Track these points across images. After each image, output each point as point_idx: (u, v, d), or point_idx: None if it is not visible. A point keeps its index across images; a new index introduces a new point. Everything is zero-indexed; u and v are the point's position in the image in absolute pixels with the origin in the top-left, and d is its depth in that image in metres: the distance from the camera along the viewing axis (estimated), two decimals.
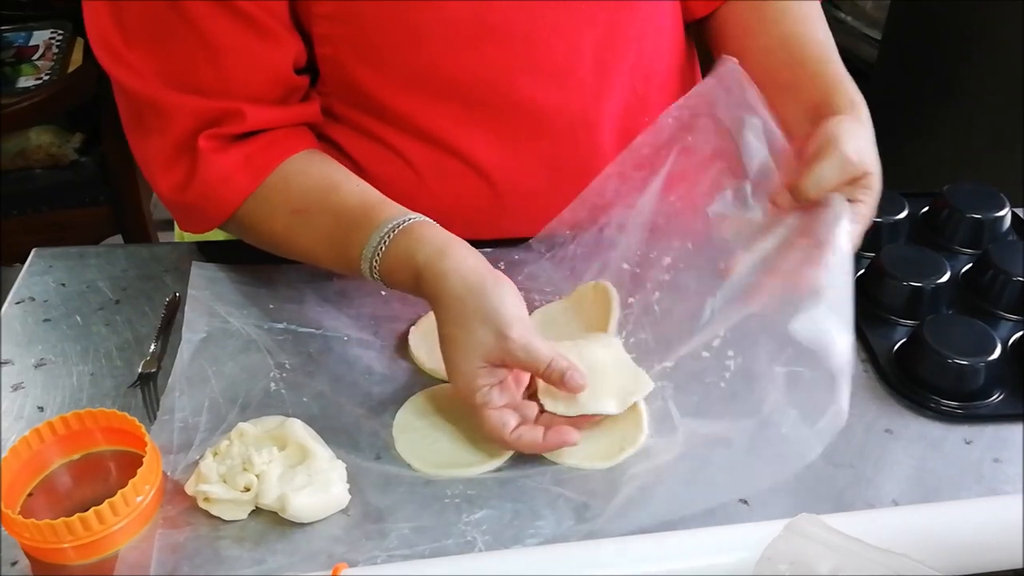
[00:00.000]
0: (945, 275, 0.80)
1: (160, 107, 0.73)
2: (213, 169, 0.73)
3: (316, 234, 0.74)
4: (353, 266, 0.71)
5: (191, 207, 0.76)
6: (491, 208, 0.85)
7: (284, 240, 0.76)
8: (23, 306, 0.81)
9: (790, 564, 0.54)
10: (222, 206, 0.75)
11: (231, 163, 0.74)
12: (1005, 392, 0.72)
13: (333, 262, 0.74)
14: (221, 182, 0.74)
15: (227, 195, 0.75)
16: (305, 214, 0.74)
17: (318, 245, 0.74)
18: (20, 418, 0.69)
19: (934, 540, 0.58)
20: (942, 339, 0.73)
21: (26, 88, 1.87)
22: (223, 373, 0.73)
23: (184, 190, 0.74)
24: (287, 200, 0.75)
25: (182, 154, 0.74)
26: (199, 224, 0.78)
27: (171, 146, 0.73)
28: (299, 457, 0.63)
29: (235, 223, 0.77)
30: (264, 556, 0.59)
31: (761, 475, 0.63)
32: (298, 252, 0.77)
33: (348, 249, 0.71)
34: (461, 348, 0.64)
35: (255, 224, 0.77)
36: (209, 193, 0.74)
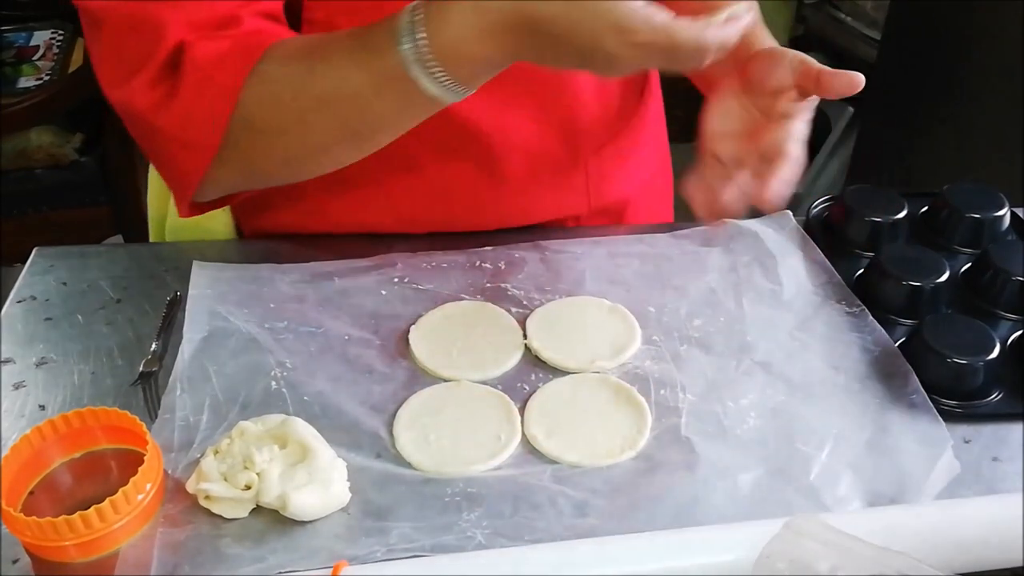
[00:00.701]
0: (944, 275, 0.80)
1: (146, 20, 0.66)
2: (205, 55, 0.65)
3: (339, 63, 0.64)
4: (392, 67, 0.62)
5: (186, 116, 0.67)
6: (489, 182, 0.84)
7: (304, 91, 0.66)
8: (24, 305, 0.81)
9: (789, 563, 0.54)
10: (223, 92, 0.66)
11: (222, 47, 0.66)
12: (1004, 391, 0.72)
13: (369, 81, 0.64)
14: (215, 66, 0.65)
15: (225, 79, 0.65)
16: (318, 52, 0.66)
17: (345, 70, 0.64)
18: (21, 416, 0.70)
19: (933, 538, 0.58)
20: (941, 338, 0.73)
21: (26, 88, 1.87)
22: (224, 372, 0.73)
23: (171, 99, 0.66)
24: (293, 52, 0.67)
25: (170, 67, 0.66)
26: (203, 137, 0.68)
27: (158, 62, 0.66)
28: (300, 455, 0.64)
29: (240, 116, 0.67)
30: (265, 554, 0.59)
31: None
32: (326, 94, 0.66)
33: (381, 51, 0.62)
34: (595, 6, 0.57)
35: (265, 97, 0.66)
36: (204, 83, 0.65)
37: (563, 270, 0.85)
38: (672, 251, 0.87)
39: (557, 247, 0.87)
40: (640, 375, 0.74)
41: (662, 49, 0.58)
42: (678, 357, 0.75)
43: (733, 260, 0.86)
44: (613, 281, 0.84)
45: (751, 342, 0.77)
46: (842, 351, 0.76)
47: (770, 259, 0.86)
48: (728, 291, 0.82)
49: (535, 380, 0.73)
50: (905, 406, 0.70)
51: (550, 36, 0.59)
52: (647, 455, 0.67)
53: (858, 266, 0.85)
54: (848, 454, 0.67)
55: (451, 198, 0.85)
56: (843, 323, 0.79)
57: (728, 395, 0.72)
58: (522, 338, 0.77)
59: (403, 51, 0.61)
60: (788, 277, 0.84)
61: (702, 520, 0.62)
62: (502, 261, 0.85)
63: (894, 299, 0.80)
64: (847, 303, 0.81)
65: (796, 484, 0.64)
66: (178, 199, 0.75)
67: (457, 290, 0.82)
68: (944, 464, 0.65)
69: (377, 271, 0.84)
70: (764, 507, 0.63)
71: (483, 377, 0.73)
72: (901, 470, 0.65)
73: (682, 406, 0.71)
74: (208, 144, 0.68)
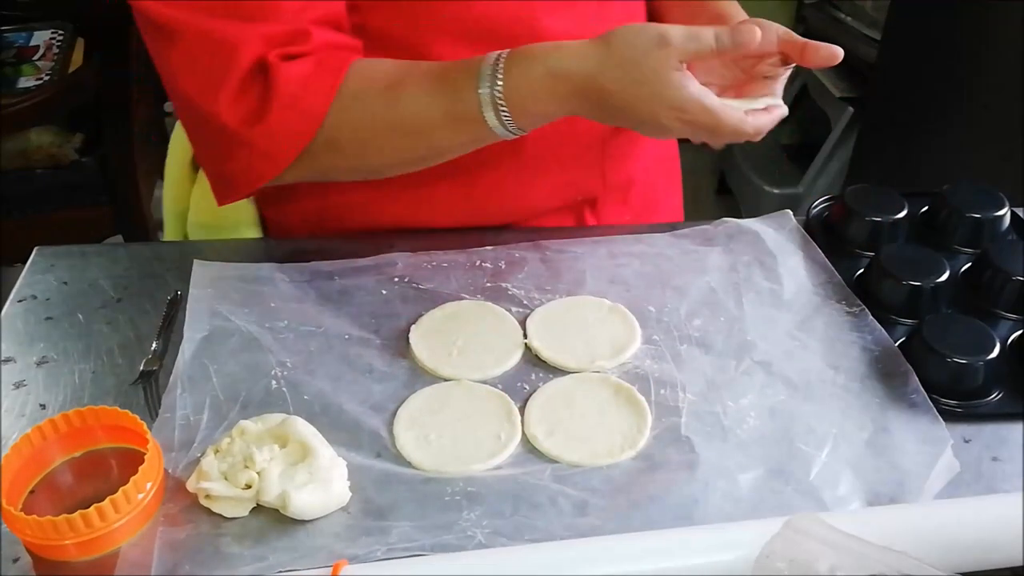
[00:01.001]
0: (944, 274, 0.80)
1: (224, 38, 0.70)
2: (292, 77, 0.71)
3: (418, 96, 0.72)
4: (468, 107, 0.70)
5: (273, 133, 0.72)
6: (512, 165, 0.86)
7: (383, 120, 0.73)
8: (25, 304, 0.81)
9: (789, 562, 0.54)
10: (310, 114, 0.72)
11: (306, 69, 0.72)
12: (1004, 391, 0.72)
13: (444, 117, 0.72)
14: (303, 88, 0.71)
15: (312, 102, 0.72)
16: (399, 85, 0.73)
17: (424, 105, 0.72)
18: (22, 416, 0.70)
19: (933, 538, 0.58)
20: (941, 338, 0.73)
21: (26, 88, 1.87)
22: (224, 371, 0.73)
23: (261, 117, 0.71)
24: (374, 81, 0.73)
25: (253, 81, 0.71)
26: (284, 151, 0.73)
27: (239, 76, 0.70)
28: (300, 455, 0.64)
29: (323, 136, 0.73)
30: (265, 553, 0.59)
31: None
32: (404, 124, 0.73)
33: (459, 92, 0.70)
34: (659, 88, 0.66)
35: (346, 122, 0.73)
36: (292, 104, 0.71)
37: (563, 270, 0.85)
38: (672, 251, 0.87)
39: (557, 247, 0.87)
40: (640, 375, 0.74)
41: (707, 127, 0.68)
42: (678, 357, 0.75)
43: (733, 260, 0.86)
44: (613, 281, 0.84)
45: (751, 342, 0.77)
46: (842, 351, 0.76)
47: (770, 259, 0.86)
48: (728, 291, 0.82)
49: (535, 380, 0.74)
50: (905, 406, 0.70)
51: (612, 106, 0.69)
52: (647, 455, 0.67)
53: (858, 266, 0.85)
54: (848, 454, 0.67)
55: (476, 183, 0.86)
56: (843, 323, 0.79)
57: (728, 395, 0.72)
58: (522, 338, 0.77)
59: (481, 94, 0.70)
60: (788, 277, 0.84)
61: (702, 519, 0.62)
62: (502, 261, 0.85)
63: (894, 299, 0.80)
64: (847, 303, 0.81)
65: (796, 483, 0.64)
66: (225, 192, 0.79)
67: (457, 290, 0.82)
68: (944, 464, 0.65)
69: (377, 271, 0.84)
70: (764, 506, 0.63)
71: (483, 376, 0.73)
72: (901, 470, 0.66)
73: (682, 406, 0.71)
74: (286, 158, 0.74)
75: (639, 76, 0.67)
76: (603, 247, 0.88)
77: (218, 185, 0.79)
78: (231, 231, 0.93)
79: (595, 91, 0.69)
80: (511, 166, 0.87)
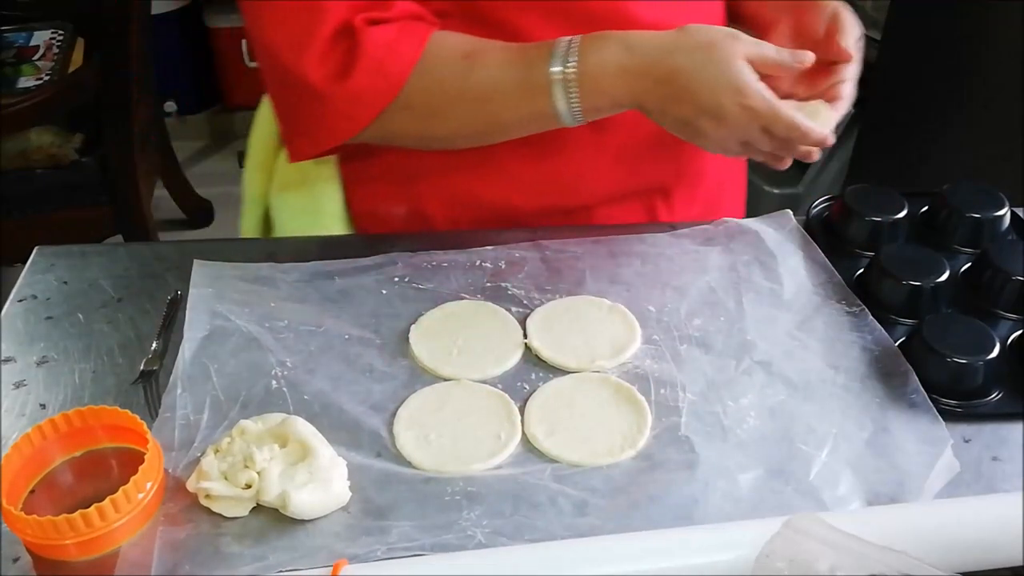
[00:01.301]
0: (944, 274, 0.80)
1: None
2: (378, 41, 0.75)
3: (492, 68, 0.76)
4: (538, 84, 0.75)
5: (356, 92, 0.76)
6: (599, 147, 0.88)
7: (456, 87, 0.77)
8: (25, 304, 0.81)
9: (788, 562, 0.54)
10: (392, 78, 0.76)
11: (391, 34, 0.76)
12: (1004, 391, 0.72)
13: (514, 90, 0.76)
14: (387, 52, 0.75)
15: (396, 66, 0.76)
16: (476, 55, 0.77)
17: (496, 76, 0.76)
18: (22, 415, 0.70)
19: (933, 537, 0.58)
20: (941, 338, 0.73)
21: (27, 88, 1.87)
22: (224, 371, 0.73)
23: (345, 77, 0.75)
24: (453, 50, 0.77)
25: (340, 39, 0.75)
26: (363, 112, 0.77)
27: (327, 36, 0.74)
28: (300, 454, 0.64)
29: (399, 100, 0.77)
30: (265, 553, 0.59)
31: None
32: (473, 92, 0.77)
33: (532, 67, 0.75)
34: (725, 69, 0.72)
35: (422, 87, 0.77)
36: (376, 67, 0.75)
37: (563, 270, 0.85)
38: (672, 251, 0.87)
39: (557, 247, 0.87)
40: (640, 374, 0.74)
41: (763, 117, 0.72)
42: (678, 356, 0.75)
43: (733, 259, 0.86)
44: (613, 281, 0.84)
45: (751, 341, 0.77)
46: (842, 350, 0.76)
47: (770, 258, 0.86)
48: (728, 290, 0.82)
49: (535, 379, 0.74)
50: (905, 405, 0.70)
51: (678, 86, 0.73)
52: (647, 454, 0.67)
53: (858, 266, 0.85)
54: (848, 453, 0.67)
55: (559, 166, 0.88)
56: (843, 323, 0.79)
57: (728, 394, 0.72)
58: (522, 337, 0.77)
59: (552, 72, 0.74)
60: (788, 276, 0.84)
61: (702, 519, 0.62)
62: (502, 261, 0.86)
63: (894, 299, 0.80)
64: (847, 303, 0.81)
65: (796, 483, 0.65)
66: (300, 148, 0.83)
67: (457, 289, 0.82)
68: (944, 463, 0.65)
69: (377, 270, 0.84)
70: (764, 506, 0.63)
71: (483, 376, 0.73)
72: (901, 469, 0.66)
73: (682, 405, 0.71)
74: (365, 118, 0.78)
75: (708, 58, 0.72)
76: (603, 247, 0.88)
77: (294, 140, 0.82)
78: (311, 185, 0.94)
79: (665, 70, 0.73)
80: (593, 149, 0.88)
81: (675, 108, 0.75)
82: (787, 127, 0.73)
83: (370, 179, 0.93)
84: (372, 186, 0.93)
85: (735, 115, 0.73)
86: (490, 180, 0.90)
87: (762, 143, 0.76)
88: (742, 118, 0.73)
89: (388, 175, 0.92)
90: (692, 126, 0.75)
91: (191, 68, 2.85)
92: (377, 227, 0.94)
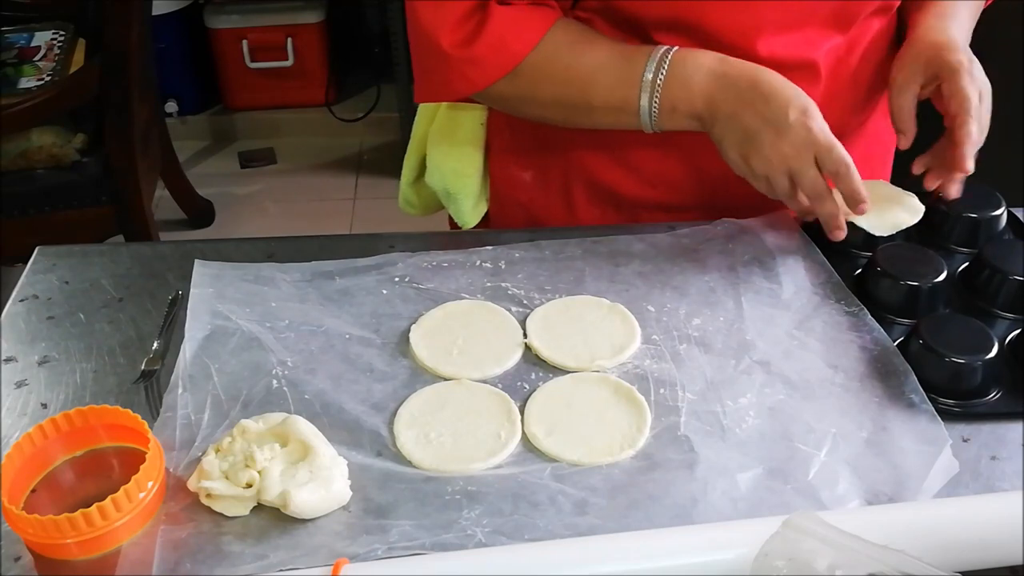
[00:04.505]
0: (942, 274, 0.80)
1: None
2: (504, 18, 0.83)
3: (600, 54, 0.85)
4: (634, 74, 0.83)
5: (474, 60, 0.84)
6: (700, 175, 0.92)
7: (564, 67, 0.85)
8: (27, 304, 0.81)
9: (787, 561, 0.55)
10: (508, 55, 0.84)
11: (516, 14, 0.84)
12: (1002, 390, 0.72)
13: (612, 75, 0.84)
14: (510, 30, 0.84)
15: (514, 47, 0.84)
16: (588, 42, 0.86)
17: (601, 63, 0.85)
18: (24, 415, 0.70)
19: (932, 536, 0.58)
20: (939, 338, 0.73)
21: (28, 89, 1.87)
22: (225, 370, 0.73)
23: (470, 43, 0.84)
24: (569, 35, 0.86)
25: (473, 14, 0.84)
26: (478, 79, 0.86)
27: (465, 8, 0.83)
28: (301, 454, 0.64)
29: (513, 74, 0.85)
30: (266, 552, 0.60)
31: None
32: (572, 71, 0.85)
33: (632, 59, 0.84)
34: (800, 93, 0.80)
35: (536, 63, 0.85)
36: (497, 42, 0.84)
37: (563, 270, 0.85)
38: (672, 251, 0.87)
39: (557, 247, 0.87)
40: (640, 374, 0.74)
41: (821, 143, 0.79)
42: (677, 356, 0.76)
43: (732, 259, 0.86)
44: (613, 281, 0.84)
45: (750, 341, 0.77)
46: (841, 350, 0.76)
47: (769, 258, 0.86)
48: (727, 290, 0.83)
49: (535, 379, 0.74)
50: (904, 405, 0.71)
51: (757, 93, 0.80)
52: (646, 454, 0.67)
53: (856, 265, 0.85)
54: (847, 453, 0.67)
55: (707, 167, 0.91)
56: (842, 322, 0.79)
57: (727, 394, 0.72)
58: (522, 337, 0.77)
59: (649, 63, 0.83)
60: (787, 276, 0.84)
61: (701, 518, 0.62)
62: (502, 261, 0.86)
63: (891, 298, 0.80)
64: (846, 302, 0.81)
65: (795, 483, 0.65)
66: (423, 93, 0.93)
67: (457, 289, 0.82)
68: (943, 463, 0.65)
69: (378, 270, 0.84)
70: (763, 506, 0.63)
71: (483, 376, 0.74)
72: (900, 469, 0.66)
73: (681, 405, 0.71)
74: (482, 82, 0.86)
75: (791, 83, 0.81)
76: (603, 247, 0.88)
77: (420, 87, 0.92)
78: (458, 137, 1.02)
79: (751, 77, 0.81)
80: (696, 172, 0.91)
81: (745, 114, 0.80)
82: (838, 160, 0.78)
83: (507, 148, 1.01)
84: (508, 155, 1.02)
85: (796, 131, 0.79)
86: (640, 172, 0.95)
87: (807, 175, 0.80)
88: (801, 136, 0.79)
89: (527, 145, 0.99)
90: (752, 138, 0.80)
91: (192, 69, 2.85)
92: (506, 189, 1.03)
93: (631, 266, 0.86)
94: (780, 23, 0.86)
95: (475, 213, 1.04)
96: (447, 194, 1.03)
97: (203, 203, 2.57)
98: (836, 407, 0.71)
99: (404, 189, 1.12)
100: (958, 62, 0.85)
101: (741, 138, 0.81)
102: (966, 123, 0.82)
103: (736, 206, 0.91)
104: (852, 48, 0.92)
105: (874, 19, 0.93)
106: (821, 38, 0.89)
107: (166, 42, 2.62)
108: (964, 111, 0.83)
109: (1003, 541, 0.58)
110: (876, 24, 0.94)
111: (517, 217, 1.02)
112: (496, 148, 1.02)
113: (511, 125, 0.98)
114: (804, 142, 0.79)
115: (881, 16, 0.93)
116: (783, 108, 0.79)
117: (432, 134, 1.04)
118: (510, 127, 0.98)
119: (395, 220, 1.20)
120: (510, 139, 1.00)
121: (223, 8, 2.79)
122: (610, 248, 0.88)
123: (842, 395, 0.72)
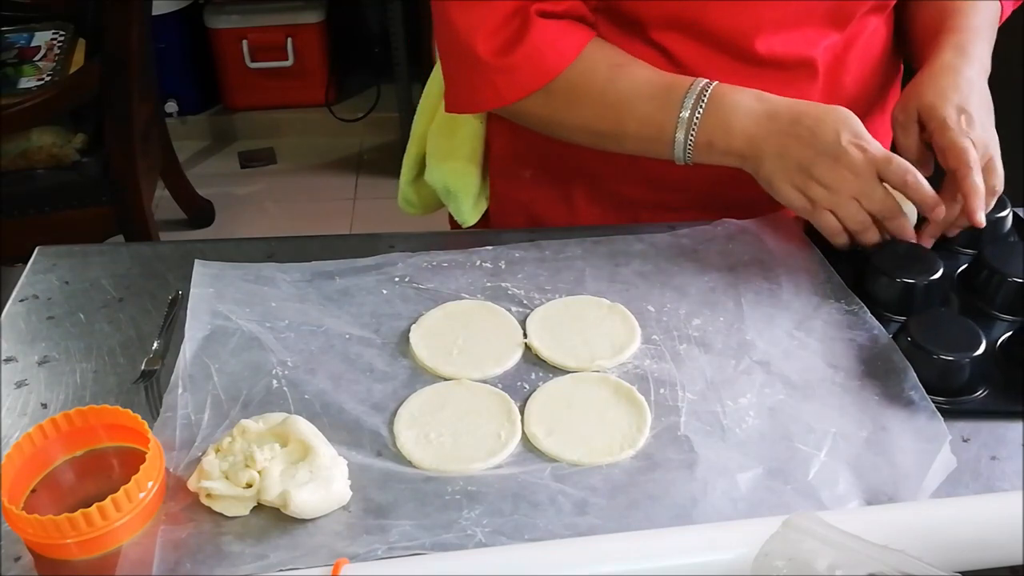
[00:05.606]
0: (938, 272, 0.80)
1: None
2: (544, 32, 0.83)
3: (638, 80, 0.84)
4: (671, 108, 0.82)
5: (511, 69, 0.84)
6: (700, 175, 0.90)
7: (600, 91, 0.85)
8: (27, 304, 0.81)
9: (787, 561, 0.55)
10: (544, 71, 0.84)
11: (556, 29, 0.84)
12: (990, 388, 0.72)
13: (648, 103, 0.84)
14: (548, 45, 0.83)
15: (551, 62, 0.84)
16: (625, 66, 0.85)
17: (638, 89, 0.84)
18: (24, 415, 0.70)
19: (932, 536, 0.58)
20: (927, 335, 0.73)
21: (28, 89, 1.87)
22: (225, 370, 0.73)
23: (507, 53, 0.83)
24: (606, 56, 0.85)
25: (512, 20, 0.83)
26: (512, 92, 0.85)
27: (503, 13, 0.82)
28: (301, 454, 0.64)
29: (549, 89, 0.85)
30: (266, 552, 0.60)
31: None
32: (614, 99, 0.85)
33: (671, 89, 0.83)
34: (846, 117, 0.80)
35: (571, 81, 0.84)
36: (535, 56, 0.83)
37: (563, 270, 0.85)
38: (672, 251, 0.87)
39: (557, 247, 0.87)
40: (640, 374, 0.74)
41: (879, 160, 0.78)
42: (677, 356, 0.76)
43: (732, 260, 0.86)
44: (613, 280, 0.84)
45: (750, 341, 0.77)
46: (841, 350, 0.76)
47: (769, 258, 0.86)
48: (727, 290, 0.83)
49: (535, 379, 0.74)
50: (903, 403, 0.70)
51: (803, 127, 0.80)
52: (646, 454, 0.67)
53: (856, 265, 0.85)
54: (847, 452, 0.67)
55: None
56: (842, 322, 0.79)
57: (727, 394, 0.72)
58: (522, 337, 0.77)
59: (687, 98, 0.83)
60: (787, 276, 0.84)
61: (701, 518, 0.62)
62: (502, 261, 0.86)
63: (887, 296, 0.80)
64: (846, 302, 0.81)
65: (795, 483, 0.65)
66: (453, 104, 0.92)
67: (457, 289, 0.82)
68: (941, 460, 0.65)
69: (378, 270, 0.84)
70: (763, 506, 0.63)
71: (483, 376, 0.74)
72: (899, 468, 0.66)
73: (681, 405, 0.71)
74: (512, 96, 0.86)
75: (832, 108, 0.80)
76: (603, 247, 0.88)
77: (451, 96, 0.92)
78: (457, 135, 1.02)
79: (794, 113, 0.81)
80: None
81: (796, 149, 0.80)
82: (903, 170, 0.78)
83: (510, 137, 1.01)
84: (508, 154, 1.02)
85: (852, 154, 0.78)
86: (650, 179, 0.95)
87: (876, 194, 0.79)
88: (859, 157, 0.78)
89: (527, 143, 0.98)
90: (807, 170, 0.80)
91: (192, 69, 2.85)
92: (506, 187, 1.03)
93: (631, 266, 0.86)
94: (778, 21, 0.86)
95: (475, 211, 1.04)
96: (447, 192, 1.03)
97: (203, 203, 2.57)
98: (836, 407, 0.71)
99: (403, 187, 1.11)
100: (944, 118, 0.82)
101: (795, 173, 0.81)
102: (968, 176, 0.79)
103: (736, 206, 0.91)
104: (849, 46, 0.92)
105: (871, 16, 0.93)
106: (819, 36, 0.89)
107: (166, 42, 2.62)
108: (963, 163, 0.79)
109: (1003, 541, 0.58)
110: (873, 21, 0.94)
111: (517, 215, 1.03)
112: (496, 146, 1.02)
113: (511, 123, 0.98)
114: (864, 162, 0.78)
115: (878, 13, 0.93)
116: (833, 134, 0.79)
117: (432, 132, 1.04)
118: (510, 126, 0.98)
119: (395, 220, 1.20)
120: (510, 137, 1.00)
121: (223, 8, 2.79)
122: (610, 248, 0.88)
123: (842, 395, 0.72)
